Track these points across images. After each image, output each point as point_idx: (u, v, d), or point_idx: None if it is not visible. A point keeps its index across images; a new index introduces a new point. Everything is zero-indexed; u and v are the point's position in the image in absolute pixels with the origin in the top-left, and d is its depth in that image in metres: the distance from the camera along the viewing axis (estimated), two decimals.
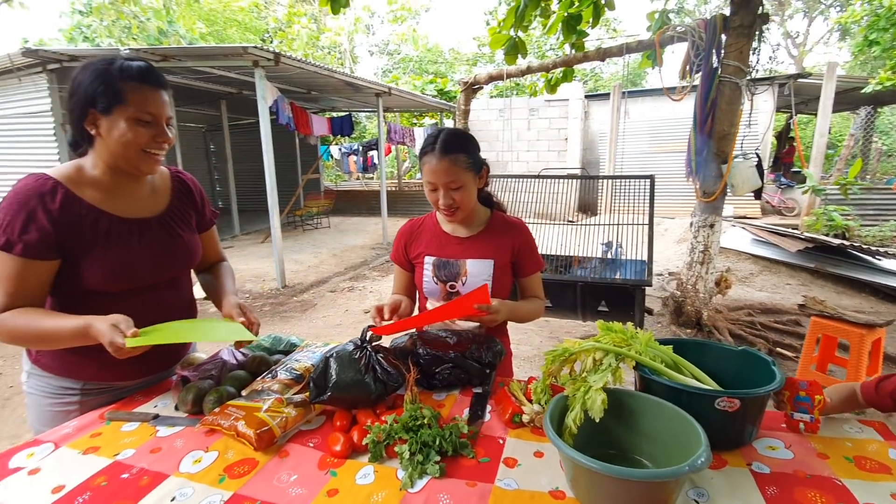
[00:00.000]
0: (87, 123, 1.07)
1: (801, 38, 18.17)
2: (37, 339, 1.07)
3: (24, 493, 0.89)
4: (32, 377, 1.22)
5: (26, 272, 1.04)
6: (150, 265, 1.19)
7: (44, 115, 5.93)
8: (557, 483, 0.88)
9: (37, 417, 1.24)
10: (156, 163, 1.15)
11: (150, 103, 1.08)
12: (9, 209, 1.02)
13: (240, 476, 0.92)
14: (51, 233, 1.04)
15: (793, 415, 1.02)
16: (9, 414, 2.88)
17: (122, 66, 1.06)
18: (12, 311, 1.05)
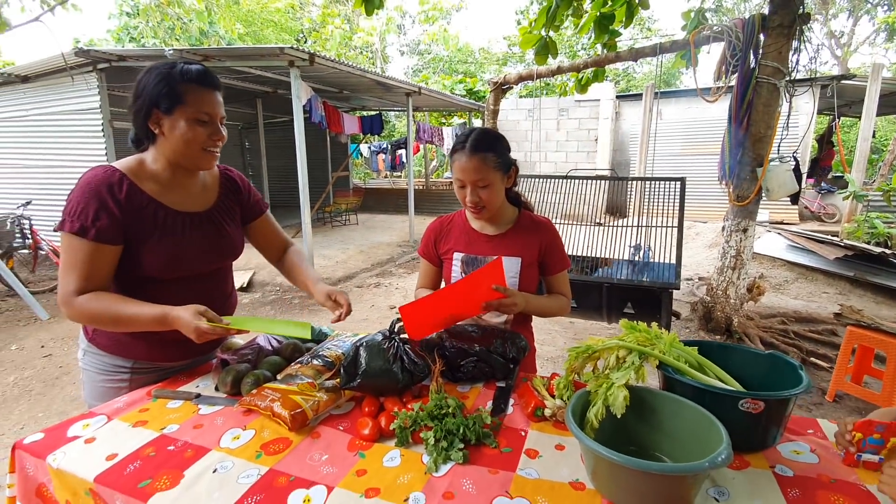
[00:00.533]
0: (150, 123, 1.15)
1: (845, 38, 17.39)
2: (114, 322, 1.15)
3: (82, 458, 0.97)
4: (88, 355, 1.32)
5: (97, 256, 1.13)
6: (198, 255, 1.26)
7: (93, 112, 6.23)
8: (578, 475, 0.90)
9: (91, 392, 1.33)
10: (213, 158, 1.22)
11: (206, 104, 1.15)
12: (81, 198, 1.11)
13: (275, 453, 0.98)
14: (119, 219, 1.13)
15: (860, 456, 0.92)
16: (58, 392, 3.07)
17: (182, 69, 1.14)
18: (88, 295, 1.13)
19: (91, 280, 1.13)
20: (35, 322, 4.44)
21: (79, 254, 1.11)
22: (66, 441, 1.03)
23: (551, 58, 3.98)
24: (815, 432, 1.06)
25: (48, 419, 2.74)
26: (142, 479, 0.90)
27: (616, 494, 0.82)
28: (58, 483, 0.98)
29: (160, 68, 1.14)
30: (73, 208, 1.11)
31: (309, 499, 0.85)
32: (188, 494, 0.86)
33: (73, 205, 1.11)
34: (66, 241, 1.12)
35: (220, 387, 1.22)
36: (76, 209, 1.10)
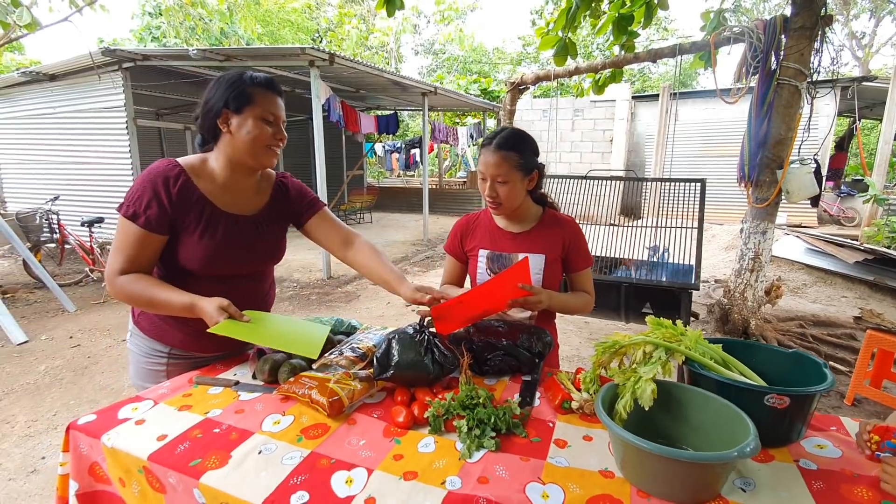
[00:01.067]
0: (220, 122, 1.22)
1: (866, 39, 17.07)
2: (147, 304, 1.22)
3: (134, 438, 1.03)
4: (133, 336, 1.40)
5: (143, 242, 1.20)
6: (234, 258, 1.31)
7: (118, 110, 6.39)
8: (606, 464, 0.94)
9: (135, 372, 1.41)
10: (274, 156, 1.29)
11: (272, 105, 1.24)
12: (140, 186, 1.20)
13: (315, 437, 1.03)
14: (167, 211, 1.20)
15: (878, 454, 0.94)
16: (87, 381, 3.17)
17: (251, 76, 1.23)
18: (129, 276, 1.21)
19: (134, 263, 1.21)
20: (63, 313, 4.58)
21: (128, 237, 1.20)
22: (117, 422, 1.09)
23: (570, 58, 3.99)
24: (837, 429, 1.08)
25: (79, 406, 2.84)
26: (192, 459, 0.96)
27: (645, 482, 0.85)
28: (111, 461, 1.04)
29: (230, 75, 1.23)
30: (131, 194, 1.20)
31: (351, 480, 0.89)
32: (237, 473, 0.92)
33: (132, 191, 1.20)
34: (121, 224, 1.21)
35: (257, 375, 1.28)
36: (134, 196, 1.19)
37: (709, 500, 0.83)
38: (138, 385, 1.39)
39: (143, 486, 1.01)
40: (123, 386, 3.11)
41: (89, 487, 1.11)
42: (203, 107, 1.25)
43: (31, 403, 2.88)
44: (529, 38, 21.85)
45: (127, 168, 6.59)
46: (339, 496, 0.85)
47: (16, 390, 3.04)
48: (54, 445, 2.46)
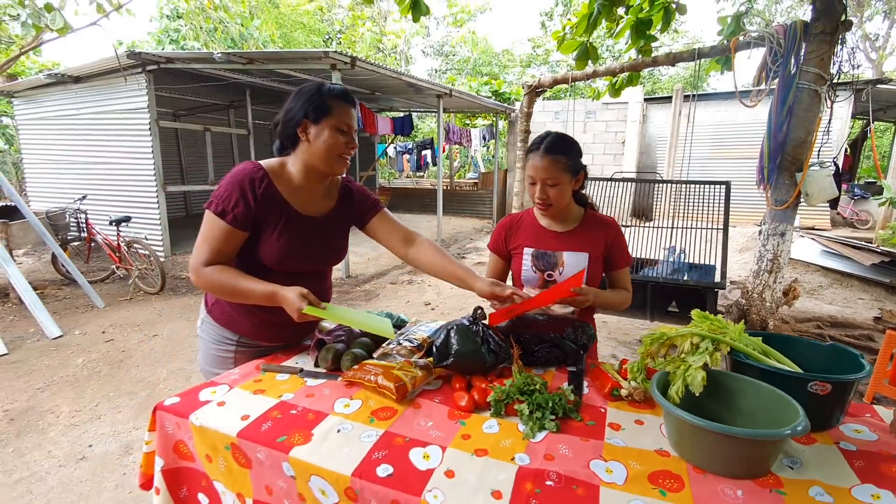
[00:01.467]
0: (300, 130, 1.32)
1: (880, 41, 16.96)
2: (231, 292, 1.31)
3: (220, 418, 1.12)
4: (205, 324, 1.50)
5: (229, 237, 1.30)
6: (307, 256, 1.41)
7: (141, 112, 6.53)
8: (660, 445, 1.02)
9: (204, 358, 1.51)
10: (345, 165, 1.38)
11: (347, 116, 1.33)
12: (229, 186, 1.29)
13: (385, 419, 1.11)
14: (252, 210, 1.30)
15: None
16: (124, 374, 3.28)
17: (329, 88, 1.33)
18: (214, 267, 1.30)
19: (218, 255, 1.31)
20: (92, 309, 4.71)
21: (215, 232, 1.29)
22: (200, 404, 1.19)
23: (591, 63, 4.06)
24: (872, 416, 1.15)
25: (119, 398, 2.95)
26: (278, 436, 1.04)
27: (701, 460, 0.93)
28: (198, 439, 1.13)
29: (311, 87, 1.33)
30: (221, 193, 1.29)
31: (427, 455, 0.98)
32: (322, 448, 1.00)
33: (221, 190, 1.30)
34: (208, 219, 1.30)
35: (320, 363, 1.37)
36: (223, 195, 1.29)
37: (761, 476, 0.90)
38: (206, 370, 1.49)
39: (228, 462, 1.10)
40: (159, 379, 3.22)
41: (174, 464, 1.20)
42: (284, 115, 1.35)
43: (73, 394, 2.99)
44: (538, 40, 21.92)
45: (149, 168, 6.73)
46: (419, 469, 0.93)
47: (56, 382, 3.15)
48: (100, 434, 2.56)
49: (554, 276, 1.56)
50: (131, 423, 2.68)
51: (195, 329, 1.57)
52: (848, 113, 9.06)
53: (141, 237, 5.86)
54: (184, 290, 5.54)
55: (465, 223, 11.21)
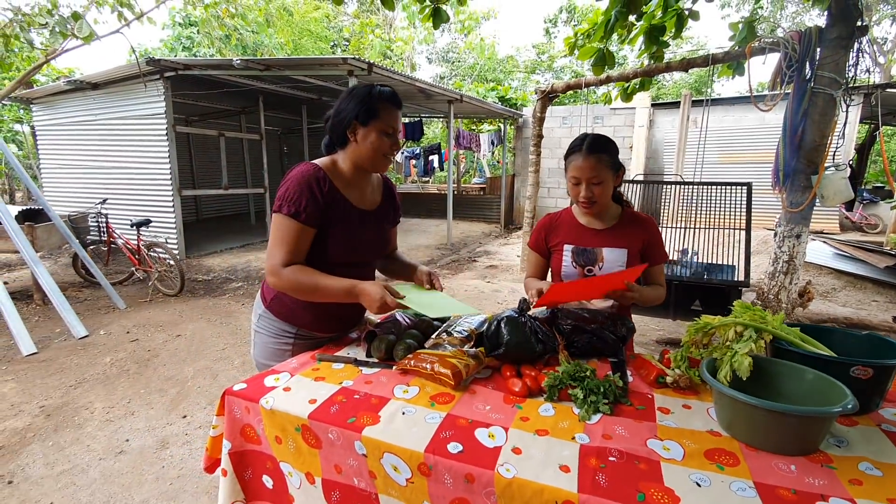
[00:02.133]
0: (349, 131, 1.40)
1: (888, 44, 17.02)
2: (312, 290, 1.36)
3: (289, 401, 1.19)
4: (263, 319, 1.56)
5: (303, 236, 1.37)
6: (367, 247, 1.51)
7: (158, 118, 6.65)
8: (710, 426, 1.07)
9: (261, 352, 1.57)
10: (389, 164, 1.47)
11: (394, 119, 1.41)
12: (296, 188, 1.35)
13: (445, 403, 1.17)
14: (321, 208, 1.38)
15: None
16: (153, 372, 3.35)
17: (379, 91, 1.40)
18: (293, 267, 1.36)
19: (295, 255, 1.37)
20: (114, 311, 4.79)
21: (290, 233, 1.35)
22: (268, 389, 1.25)
23: (607, 68, 4.14)
24: None
25: (150, 395, 3.02)
26: (348, 417, 1.11)
27: (753, 438, 0.98)
28: (268, 422, 1.19)
29: (362, 90, 1.40)
30: (289, 196, 1.35)
31: (493, 435, 1.04)
32: (391, 428, 1.06)
33: (289, 193, 1.35)
34: (280, 222, 1.36)
35: (374, 353, 1.43)
36: (292, 196, 1.35)
37: (810, 453, 0.96)
38: (262, 363, 1.56)
39: (298, 443, 1.16)
40: (187, 377, 3.29)
41: (240, 447, 1.27)
42: (335, 116, 1.44)
43: (105, 392, 3.06)
44: (543, 47, 22.08)
45: (166, 173, 6.84)
46: (487, 447, 0.99)
47: (87, 380, 3.22)
48: (135, 429, 2.63)
49: (594, 270, 1.62)
50: (164, 418, 2.75)
51: (217, 329, 1.67)
52: (856, 117, 9.11)
53: (161, 240, 5.96)
54: (201, 292, 5.62)
55: (474, 227, 11.28)
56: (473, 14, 16.83)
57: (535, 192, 6.37)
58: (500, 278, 6.32)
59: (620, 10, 3.82)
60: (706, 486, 0.86)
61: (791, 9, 17.95)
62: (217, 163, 9.03)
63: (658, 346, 3.64)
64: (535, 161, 6.25)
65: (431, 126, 19.89)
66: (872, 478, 0.89)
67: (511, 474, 0.91)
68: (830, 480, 0.88)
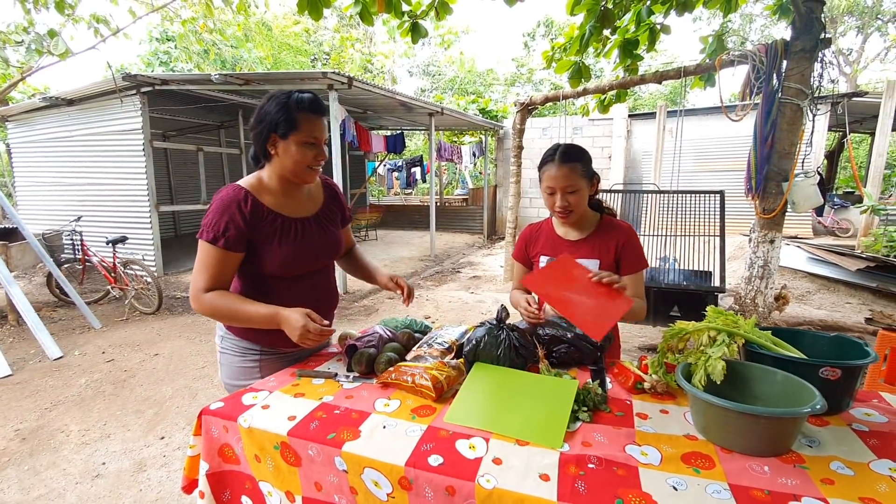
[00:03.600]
0: (269, 145, 1.36)
1: (854, 55, 17.74)
2: (231, 317, 1.35)
3: (268, 419, 1.17)
4: (226, 340, 1.53)
5: (224, 261, 1.34)
6: (311, 255, 1.45)
7: (135, 133, 6.56)
8: (687, 430, 1.09)
9: (228, 373, 1.54)
10: (315, 174, 1.43)
11: (315, 129, 1.35)
12: (216, 213, 1.33)
13: (426, 416, 1.17)
14: (244, 230, 1.34)
15: None
16: (129, 393, 3.26)
17: (297, 99, 1.33)
18: (214, 293, 1.34)
19: (217, 280, 1.34)
20: (89, 330, 4.66)
21: (210, 258, 1.33)
22: (245, 407, 1.23)
23: (583, 80, 4.22)
24: (879, 401, 1.24)
25: (126, 417, 2.93)
26: (327, 433, 1.09)
27: (729, 440, 1.00)
28: (247, 440, 1.17)
29: (279, 97, 1.33)
30: (209, 221, 1.33)
31: (473, 446, 1.03)
32: (372, 443, 1.06)
33: (209, 218, 1.33)
34: (202, 247, 1.34)
35: (354, 367, 1.42)
36: (211, 222, 1.32)
37: (783, 453, 0.98)
38: (231, 384, 1.52)
39: (277, 462, 1.14)
40: (165, 397, 3.21)
41: (218, 468, 1.24)
42: (255, 128, 1.37)
43: (80, 414, 2.97)
44: (522, 60, 22.46)
45: (143, 189, 6.74)
46: (468, 458, 0.99)
47: (63, 402, 3.13)
48: (111, 452, 2.55)
49: None
50: (141, 440, 2.67)
51: (196, 347, 1.65)
52: (824, 125, 9.44)
53: (138, 257, 5.84)
54: (180, 309, 5.52)
55: (457, 238, 11.32)
56: (452, 29, 17.07)
57: (516, 203, 6.43)
58: (483, 289, 6.33)
59: (595, 24, 3.92)
60: (683, 489, 0.87)
61: (759, 22, 18.63)
62: (196, 178, 8.92)
63: (640, 351, 3.68)
64: (516, 172, 6.33)
65: (413, 138, 20.01)
66: (844, 477, 0.91)
67: (491, 485, 0.91)
68: (803, 480, 0.89)
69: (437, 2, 3.35)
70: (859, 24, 16.92)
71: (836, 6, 15.27)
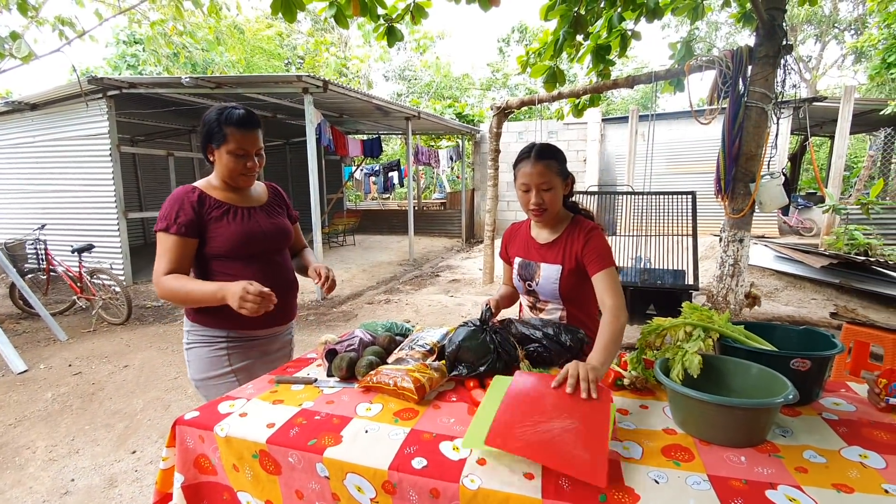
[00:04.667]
0: (207, 153, 1.51)
1: (813, 62, 18.50)
2: (185, 297, 1.42)
3: (246, 427, 1.14)
4: (192, 333, 1.57)
5: (180, 247, 1.45)
6: (259, 234, 1.55)
7: (101, 138, 6.36)
8: (666, 424, 1.11)
9: (197, 368, 1.56)
10: (250, 180, 1.56)
11: (243, 142, 1.48)
12: (168, 205, 1.46)
13: (409, 419, 1.16)
14: (193, 218, 1.46)
15: (888, 400, 1.13)
16: (98, 406, 3.14)
17: (227, 114, 1.46)
18: (170, 276, 1.43)
19: (174, 264, 1.44)
20: (54, 343, 4.48)
21: (166, 245, 1.44)
22: (222, 416, 1.20)
23: (558, 85, 4.29)
24: (847, 391, 1.28)
25: (95, 431, 2.82)
26: (308, 440, 1.07)
27: (706, 432, 1.02)
28: (225, 449, 1.14)
29: (211, 115, 1.49)
30: (162, 213, 1.46)
31: (457, 448, 1.03)
32: (355, 447, 1.04)
33: (162, 211, 1.46)
34: (159, 238, 1.46)
35: (334, 372, 1.40)
36: (164, 213, 1.45)
37: (758, 444, 1.00)
38: (201, 382, 1.55)
39: (255, 471, 1.11)
40: (136, 409, 3.10)
41: (194, 479, 1.20)
42: (200, 136, 1.53)
43: (47, 429, 2.84)
44: (497, 65, 22.69)
45: (110, 195, 6.52)
46: (452, 460, 0.99)
47: (28, 417, 2.99)
48: (80, 468, 2.45)
49: (532, 286, 1.61)
50: (112, 455, 2.57)
51: (168, 358, 1.66)
52: (787, 129, 9.80)
53: (105, 266, 5.64)
54: (150, 319, 5.35)
55: (436, 242, 11.31)
56: (428, 34, 17.12)
57: (494, 206, 6.47)
58: (462, 292, 6.34)
59: (568, 29, 3.98)
60: (664, 482, 0.89)
61: (725, 30, 19.27)
62: (166, 183, 8.70)
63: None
64: (493, 175, 6.37)
65: (390, 143, 19.96)
66: (817, 465, 0.94)
67: (476, 485, 0.90)
68: (778, 469, 0.92)
69: (413, 6, 3.35)
70: (818, 33, 17.67)
71: (795, 15, 15.91)
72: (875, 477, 0.89)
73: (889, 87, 12.00)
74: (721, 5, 5.00)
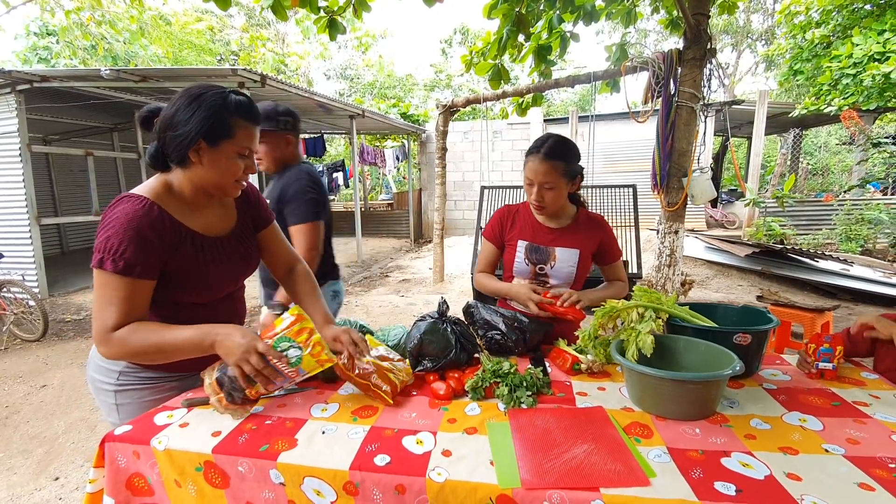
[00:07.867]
0: (192, 151, 1.11)
1: (730, 69, 20.04)
2: (157, 352, 1.09)
3: (188, 437, 1.04)
4: (126, 375, 1.24)
5: (139, 292, 1.09)
6: (229, 277, 1.28)
7: (10, 137, 5.75)
8: (624, 403, 1.13)
9: (131, 412, 1.24)
10: (240, 188, 1.22)
11: (250, 139, 1.15)
12: (124, 236, 1.06)
13: (368, 417, 1.11)
14: (160, 256, 1.11)
15: (817, 365, 1.22)
16: (13, 431, 2.82)
17: (235, 101, 1.11)
18: (126, 328, 1.07)
19: (131, 315, 1.09)
20: None
21: (120, 290, 1.07)
22: (160, 428, 1.09)
23: (503, 83, 4.35)
24: (781, 363, 1.37)
25: (12, 459, 2.53)
26: (260, 445, 1.00)
27: (662, 408, 1.05)
28: (165, 464, 1.03)
29: (212, 98, 1.10)
30: (114, 246, 1.06)
31: (420, 441, 0.99)
32: (311, 450, 0.98)
33: (112, 241, 1.06)
34: (104, 279, 1.07)
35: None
36: (118, 247, 1.05)
37: (710, 416, 1.05)
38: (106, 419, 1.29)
39: (200, 486, 1.02)
40: (57, 433, 2.81)
41: (126, 502, 1.08)
42: (171, 128, 1.10)
43: None
44: (440, 66, 22.84)
45: (20, 199, 5.92)
46: (416, 454, 0.95)
47: None
48: None
49: (545, 269, 1.62)
50: (31, 483, 2.31)
51: None
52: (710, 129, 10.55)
53: (17, 277, 5.10)
54: (70, 334, 4.90)
55: (384, 243, 11.18)
56: (370, 31, 16.92)
57: (442, 205, 6.47)
58: (413, 291, 6.29)
59: (511, 28, 4.05)
60: None
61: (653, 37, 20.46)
62: (85, 186, 7.98)
63: None
64: (441, 174, 6.37)
65: (334, 143, 19.51)
66: (763, 431, 0.99)
67: (443, 478, 0.87)
68: (730, 438, 0.96)
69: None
70: (734, 42, 19.17)
71: (713, 25, 17.18)
72: (815, 438, 0.95)
73: (796, 91, 13.20)
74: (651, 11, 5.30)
